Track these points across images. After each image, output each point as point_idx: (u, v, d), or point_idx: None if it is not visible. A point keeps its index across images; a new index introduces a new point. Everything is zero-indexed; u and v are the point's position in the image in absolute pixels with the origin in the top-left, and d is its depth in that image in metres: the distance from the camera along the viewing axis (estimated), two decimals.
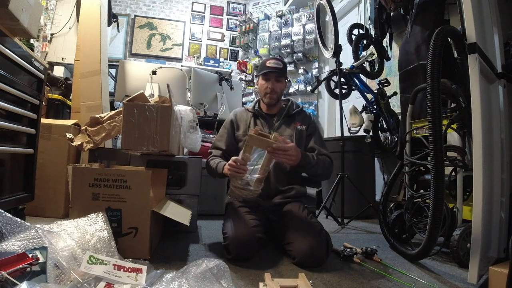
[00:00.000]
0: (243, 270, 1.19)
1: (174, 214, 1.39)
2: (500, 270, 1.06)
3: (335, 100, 2.91)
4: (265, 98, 1.60)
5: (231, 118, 1.66)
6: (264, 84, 1.58)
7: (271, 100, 1.59)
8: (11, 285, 0.70)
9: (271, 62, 1.56)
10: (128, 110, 1.42)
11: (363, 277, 1.20)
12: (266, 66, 1.56)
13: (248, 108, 1.67)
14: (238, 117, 1.66)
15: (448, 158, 1.47)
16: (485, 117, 1.20)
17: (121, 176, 1.24)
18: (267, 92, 1.57)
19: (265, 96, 1.59)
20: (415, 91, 1.69)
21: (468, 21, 1.26)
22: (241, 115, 1.66)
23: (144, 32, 5.14)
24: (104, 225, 1.10)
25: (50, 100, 2.51)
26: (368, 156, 2.63)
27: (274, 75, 1.56)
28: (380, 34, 2.58)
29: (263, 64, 1.59)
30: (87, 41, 2.63)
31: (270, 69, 1.55)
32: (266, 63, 1.57)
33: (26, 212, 1.63)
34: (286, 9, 4.46)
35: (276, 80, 1.57)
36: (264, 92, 1.58)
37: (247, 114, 1.65)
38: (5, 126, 1.28)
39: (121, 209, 1.24)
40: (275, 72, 1.55)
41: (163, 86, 2.52)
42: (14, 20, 1.22)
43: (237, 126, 1.63)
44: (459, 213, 1.41)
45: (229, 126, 1.64)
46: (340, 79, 2.36)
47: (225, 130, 1.65)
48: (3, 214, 0.87)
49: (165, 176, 1.64)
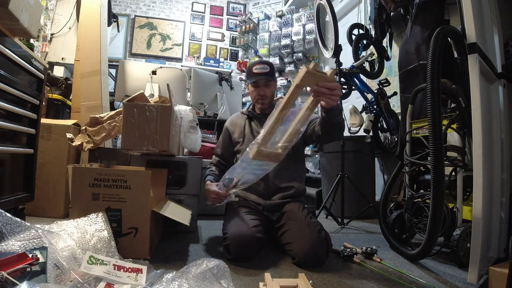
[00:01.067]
0: (243, 270, 1.19)
1: (174, 214, 1.39)
2: (500, 270, 1.06)
3: None
4: (257, 104, 1.64)
5: (226, 126, 1.73)
6: (253, 91, 1.61)
7: (263, 105, 1.62)
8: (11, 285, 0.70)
9: (257, 68, 1.56)
10: (128, 110, 1.42)
11: (363, 277, 1.20)
12: (253, 73, 1.56)
13: (243, 111, 1.73)
14: (233, 122, 1.72)
15: (448, 158, 1.47)
16: (485, 117, 1.20)
17: (121, 176, 1.24)
18: (258, 98, 1.60)
19: (257, 102, 1.63)
20: (415, 91, 1.68)
21: (468, 21, 1.25)
22: (236, 120, 1.72)
23: (144, 32, 5.14)
24: (104, 225, 1.10)
25: (50, 100, 2.51)
26: (368, 156, 2.63)
27: (263, 81, 1.57)
28: (380, 34, 2.58)
29: (250, 71, 1.59)
30: (87, 41, 2.63)
31: (257, 76, 1.56)
32: (253, 69, 1.57)
33: (26, 212, 1.63)
34: (286, 9, 4.46)
35: (265, 85, 1.58)
36: (256, 99, 1.62)
37: (242, 117, 1.71)
38: (5, 126, 1.28)
39: (121, 209, 1.24)
40: (262, 78, 1.56)
41: (163, 86, 2.52)
42: (14, 20, 1.22)
43: (232, 131, 1.70)
44: (459, 213, 1.41)
45: (225, 132, 1.73)
46: (340, 79, 2.36)
47: (222, 137, 1.74)
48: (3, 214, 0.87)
49: (165, 176, 1.64)
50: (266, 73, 1.56)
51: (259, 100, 1.61)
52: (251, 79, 1.59)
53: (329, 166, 2.68)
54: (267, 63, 1.60)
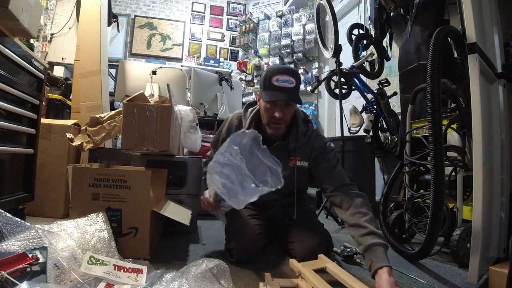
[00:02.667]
0: (243, 270, 1.19)
1: (174, 214, 1.39)
2: (500, 270, 1.06)
3: (335, 100, 2.91)
4: (269, 127, 1.26)
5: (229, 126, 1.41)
6: (268, 109, 1.20)
7: (277, 131, 1.25)
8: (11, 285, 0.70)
9: (280, 80, 1.14)
10: (128, 110, 1.42)
11: (363, 277, 1.20)
12: (273, 86, 1.16)
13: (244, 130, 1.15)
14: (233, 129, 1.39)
15: (448, 158, 1.47)
16: (485, 117, 1.20)
17: (121, 176, 1.24)
18: (273, 122, 1.23)
19: (270, 126, 1.25)
20: (415, 91, 1.68)
21: (468, 21, 1.26)
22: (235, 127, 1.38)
23: (144, 32, 5.14)
24: (104, 225, 1.10)
25: (50, 100, 2.51)
26: (368, 156, 2.63)
27: (284, 101, 1.18)
28: (380, 34, 2.58)
29: (269, 80, 1.17)
30: (87, 41, 2.63)
31: (278, 92, 1.15)
32: (273, 80, 1.15)
33: (26, 212, 1.62)
34: (286, 9, 4.46)
35: (286, 105, 1.20)
36: (269, 122, 1.24)
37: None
38: (5, 126, 1.28)
39: (121, 209, 1.24)
40: (284, 97, 1.16)
41: (163, 86, 2.52)
42: (14, 20, 1.22)
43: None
44: (459, 213, 1.41)
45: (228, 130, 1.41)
46: (340, 79, 2.36)
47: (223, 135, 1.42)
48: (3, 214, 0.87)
49: (165, 176, 1.64)
50: (291, 89, 1.16)
51: (273, 124, 1.23)
52: (268, 92, 1.18)
53: None
54: (293, 74, 1.17)
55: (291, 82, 1.16)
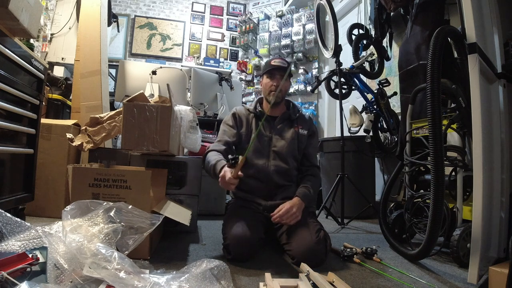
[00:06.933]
0: (243, 270, 1.19)
1: (174, 214, 1.39)
2: (500, 270, 1.06)
3: (335, 100, 2.91)
4: (269, 96, 1.56)
5: (234, 112, 1.62)
6: (269, 82, 1.56)
7: (276, 98, 1.53)
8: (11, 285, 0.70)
9: (276, 61, 1.56)
10: (128, 110, 1.42)
11: (363, 277, 1.20)
12: (271, 65, 1.56)
13: (249, 108, 1.63)
14: (239, 114, 1.61)
15: (448, 158, 1.47)
16: (485, 117, 1.20)
17: (121, 176, 1.24)
18: (272, 90, 1.53)
19: (270, 94, 1.55)
20: (415, 91, 1.68)
21: (468, 21, 1.25)
22: (241, 113, 1.62)
23: (144, 32, 5.14)
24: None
25: (50, 100, 2.51)
26: (368, 156, 2.63)
27: (280, 73, 1.54)
28: (380, 34, 2.58)
29: (268, 63, 1.59)
30: (87, 41, 2.63)
31: (275, 67, 1.54)
32: (271, 62, 1.57)
33: (26, 212, 1.63)
34: (286, 9, 4.46)
35: (281, 78, 1.54)
36: (269, 90, 1.55)
37: (249, 114, 1.61)
38: (5, 126, 1.28)
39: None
40: (280, 70, 1.54)
41: (163, 86, 2.52)
42: (14, 20, 1.22)
43: (240, 122, 1.59)
44: (459, 213, 1.41)
45: (233, 121, 1.60)
46: (340, 79, 2.36)
47: (229, 125, 1.60)
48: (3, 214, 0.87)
49: (165, 176, 1.64)
50: (284, 68, 1.54)
51: (272, 91, 1.53)
52: (267, 70, 1.57)
53: (329, 166, 2.68)
54: (286, 60, 1.60)
55: (284, 63, 1.57)
